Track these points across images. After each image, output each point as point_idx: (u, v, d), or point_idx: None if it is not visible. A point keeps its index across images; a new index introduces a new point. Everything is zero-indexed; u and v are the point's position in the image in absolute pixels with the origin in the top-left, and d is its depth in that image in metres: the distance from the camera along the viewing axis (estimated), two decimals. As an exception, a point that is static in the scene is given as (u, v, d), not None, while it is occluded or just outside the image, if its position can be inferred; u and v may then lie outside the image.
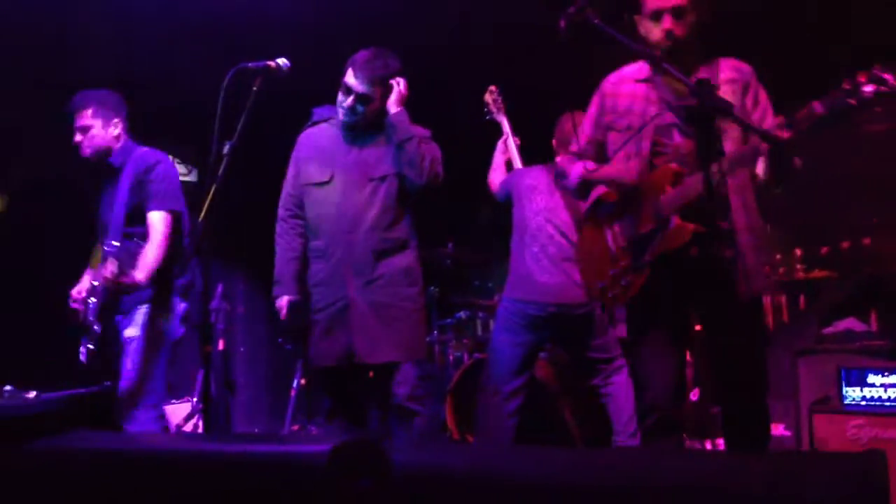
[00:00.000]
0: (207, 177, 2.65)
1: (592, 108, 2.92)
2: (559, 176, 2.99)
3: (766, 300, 5.53)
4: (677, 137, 2.66)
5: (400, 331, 3.25)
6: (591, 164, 2.86)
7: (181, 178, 3.67)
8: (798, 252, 5.47)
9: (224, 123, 2.68)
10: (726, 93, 2.55)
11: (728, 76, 2.66)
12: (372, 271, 3.27)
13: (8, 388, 4.19)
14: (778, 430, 4.14)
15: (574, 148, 2.97)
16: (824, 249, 5.36)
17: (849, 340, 3.89)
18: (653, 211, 2.59)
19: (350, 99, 3.29)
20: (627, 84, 2.80)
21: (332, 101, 3.39)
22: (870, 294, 4.59)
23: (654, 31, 2.61)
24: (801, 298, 5.35)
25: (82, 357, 3.58)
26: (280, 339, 5.51)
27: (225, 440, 2.29)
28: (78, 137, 3.69)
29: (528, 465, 1.58)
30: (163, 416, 3.67)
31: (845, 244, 5.28)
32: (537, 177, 3.89)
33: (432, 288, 5.47)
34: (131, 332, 3.58)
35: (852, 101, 2.19)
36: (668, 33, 2.58)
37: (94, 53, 4.77)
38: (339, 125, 3.43)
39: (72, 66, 4.76)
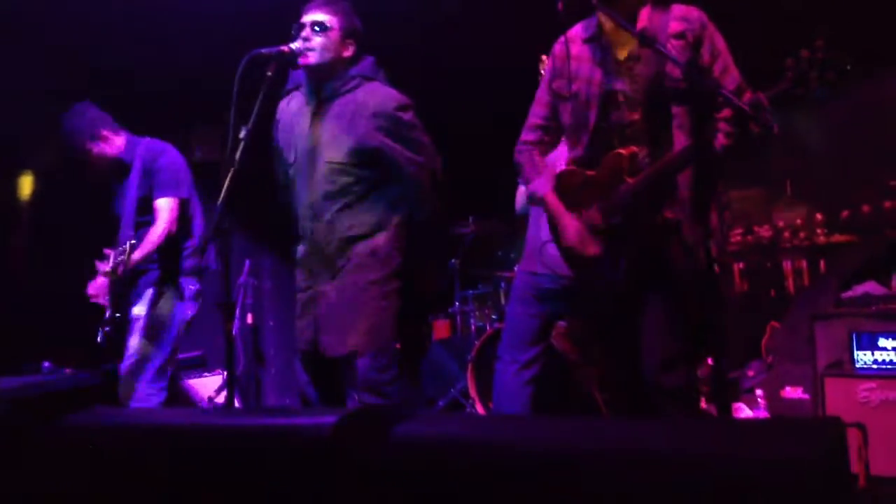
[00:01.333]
0: (225, 161, 2.74)
1: (546, 73, 2.78)
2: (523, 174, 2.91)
3: (787, 264, 5.58)
4: (623, 105, 2.53)
5: (366, 318, 2.98)
6: (544, 178, 2.75)
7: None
8: (819, 216, 5.48)
9: (240, 108, 2.75)
10: (675, 48, 2.41)
11: (675, 28, 2.46)
12: (338, 260, 3.01)
13: (46, 364, 4.40)
14: (796, 393, 4.18)
15: (532, 119, 2.85)
16: (845, 213, 5.36)
17: (866, 304, 3.91)
18: (614, 202, 2.53)
19: (305, 31, 2.98)
20: (576, 45, 2.63)
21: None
22: (890, 257, 4.60)
23: None
24: (822, 262, 5.38)
25: (100, 340, 3.79)
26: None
27: (232, 414, 2.40)
28: (88, 162, 3.91)
29: (537, 433, 1.63)
30: (164, 390, 3.83)
31: (866, 207, 5.28)
32: (560, 150, 3.91)
33: (453, 260, 5.56)
34: (138, 310, 3.84)
35: (800, 91, 2.09)
36: None
37: (116, 39, 4.89)
38: (306, 92, 3.13)
39: (96, 52, 4.89)
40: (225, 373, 5.03)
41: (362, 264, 3.00)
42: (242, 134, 2.76)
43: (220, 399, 4.87)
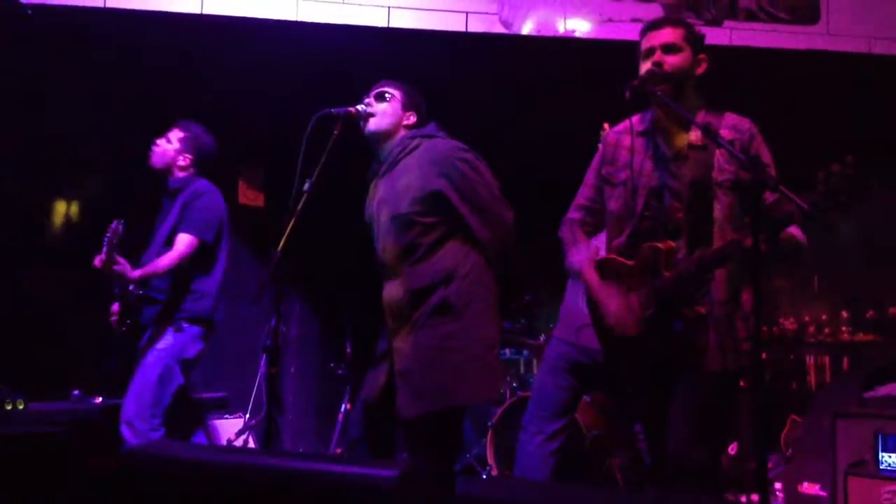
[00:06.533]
0: (287, 212, 2.84)
1: (596, 157, 2.88)
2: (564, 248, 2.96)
3: (810, 359, 5.59)
4: (668, 200, 2.61)
5: (441, 378, 2.92)
6: (583, 252, 2.80)
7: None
8: (844, 314, 5.52)
9: (305, 164, 2.87)
10: (722, 155, 2.51)
11: (725, 136, 2.54)
12: (412, 314, 2.98)
13: (76, 392, 4.45)
14: (814, 489, 4.16)
15: (579, 200, 2.93)
16: (870, 313, 5.40)
17: (889, 406, 3.91)
18: (651, 295, 2.56)
19: (368, 99, 3.16)
20: (628, 136, 2.70)
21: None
22: (914, 361, 4.61)
23: (644, 67, 2.59)
24: (845, 360, 5.39)
25: (108, 365, 3.83)
26: (331, 364, 5.71)
27: (291, 457, 2.44)
28: (157, 142, 4.01)
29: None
30: (161, 427, 3.76)
31: (892, 309, 5.32)
32: (601, 237, 3.94)
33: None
34: (146, 346, 3.83)
35: (830, 205, 2.14)
36: (657, 63, 2.56)
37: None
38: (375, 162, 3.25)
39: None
40: (246, 416, 5.09)
41: (436, 318, 2.94)
42: (306, 187, 2.88)
43: (239, 442, 4.89)
